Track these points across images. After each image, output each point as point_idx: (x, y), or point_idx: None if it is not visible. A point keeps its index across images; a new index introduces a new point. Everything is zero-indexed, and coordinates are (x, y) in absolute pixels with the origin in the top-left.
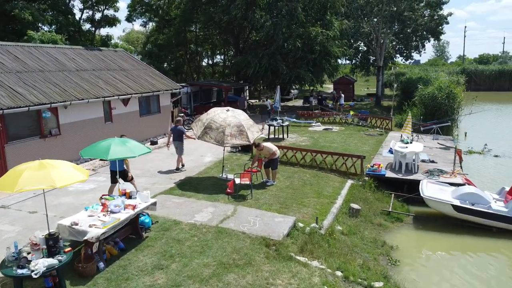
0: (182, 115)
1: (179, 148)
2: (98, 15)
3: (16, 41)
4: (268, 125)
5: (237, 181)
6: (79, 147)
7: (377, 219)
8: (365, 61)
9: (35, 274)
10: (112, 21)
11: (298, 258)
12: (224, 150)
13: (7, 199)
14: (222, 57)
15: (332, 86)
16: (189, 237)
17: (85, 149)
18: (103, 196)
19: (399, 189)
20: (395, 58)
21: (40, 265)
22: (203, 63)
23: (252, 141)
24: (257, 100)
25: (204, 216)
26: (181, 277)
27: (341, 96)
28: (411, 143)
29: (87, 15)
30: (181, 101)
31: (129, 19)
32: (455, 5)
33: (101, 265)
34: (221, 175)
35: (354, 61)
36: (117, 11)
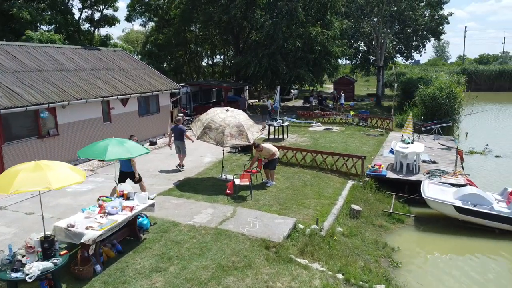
0: (181, 115)
1: (181, 147)
2: (97, 14)
3: (14, 40)
4: (268, 125)
5: (237, 182)
6: (77, 148)
7: (378, 220)
8: (365, 61)
9: (30, 278)
10: (111, 21)
11: (298, 260)
12: (223, 150)
13: (4, 200)
14: (222, 57)
15: (332, 86)
16: (187, 239)
17: (83, 149)
18: (101, 197)
19: (400, 190)
20: (395, 58)
21: (34, 268)
22: (203, 63)
23: (252, 142)
24: (257, 100)
25: (203, 217)
26: (179, 280)
27: (342, 96)
28: (412, 143)
29: (86, 14)
30: (180, 101)
31: (129, 19)
32: (455, 5)
33: (98, 267)
34: (220, 176)
35: (354, 61)
36: (116, 11)
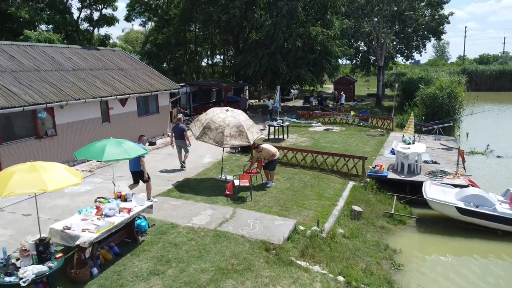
0: (181, 115)
1: (183, 146)
2: (96, 14)
3: (12, 40)
4: (268, 125)
5: (236, 182)
6: (75, 148)
7: (379, 221)
8: (366, 61)
9: (24, 282)
10: (110, 21)
11: (299, 262)
12: (223, 151)
13: (0, 201)
14: (221, 57)
15: (332, 86)
16: (186, 241)
17: (80, 150)
18: (98, 198)
19: (401, 191)
20: (395, 58)
21: (29, 272)
22: (203, 63)
23: (252, 142)
24: (257, 100)
25: (202, 219)
26: (177, 283)
27: (342, 96)
28: (413, 143)
29: (85, 14)
30: (180, 101)
31: (128, 18)
32: (455, 6)
33: (95, 270)
34: (220, 177)
35: (354, 61)
36: (116, 10)
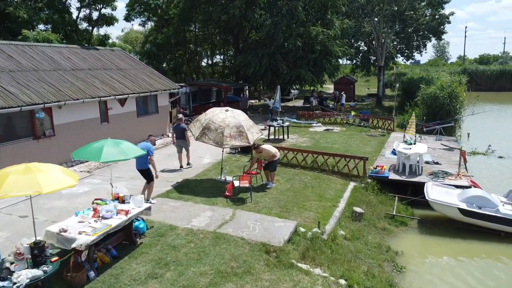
0: (181, 115)
1: (184, 145)
2: (95, 14)
3: (10, 40)
4: (268, 125)
5: (236, 183)
6: (74, 149)
7: (381, 223)
8: (366, 61)
9: (18, 286)
10: (109, 20)
11: (299, 265)
12: (223, 151)
13: None
14: (221, 57)
15: (332, 86)
16: (185, 243)
17: (77, 151)
18: (96, 200)
19: (403, 192)
20: (396, 58)
21: (23, 276)
22: (203, 63)
23: (252, 142)
24: (257, 100)
25: (201, 220)
26: (176, 287)
27: (343, 96)
28: (414, 144)
29: (84, 14)
30: (179, 101)
31: (128, 18)
32: (455, 6)
33: (92, 274)
34: (219, 177)
35: (354, 61)
36: (115, 10)
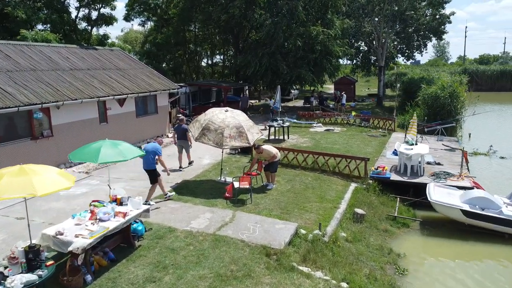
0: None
1: (185, 146)
2: (94, 13)
3: (8, 40)
4: (268, 126)
5: (236, 184)
6: (72, 149)
7: (382, 224)
8: (366, 61)
9: None
10: (108, 20)
11: (300, 268)
12: (222, 152)
13: None
14: (221, 57)
15: (332, 86)
16: (184, 246)
17: (74, 152)
18: (93, 202)
19: (404, 193)
20: (396, 58)
21: (17, 281)
22: (202, 63)
23: (252, 143)
24: (257, 100)
25: (201, 222)
26: None
27: (343, 96)
28: (416, 144)
29: (83, 13)
30: (179, 101)
31: (127, 18)
32: (455, 6)
33: (88, 278)
34: (219, 178)
35: (355, 61)
36: (114, 10)
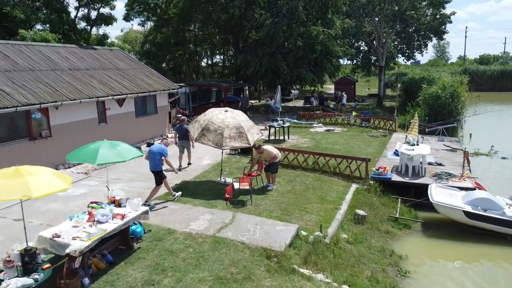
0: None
1: (187, 146)
2: (94, 13)
3: (7, 39)
4: (268, 126)
5: (236, 185)
6: (71, 150)
7: (384, 225)
8: (367, 61)
9: None
10: (108, 20)
11: (301, 270)
12: (222, 152)
13: None
14: (221, 57)
15: (333, 86)
16: (183, 248)
17: (72, 153)
18: (91, 203)
19: (406, 194)
20: (396, 58)
21: (12, 285)
22: (202, 63)
23: (252, 143)
24: (257, 100)
25: (200, 224)
26: None
27: (344, 96)
28: (417, 145)
29: (83, 13)
30: (179, 101)
31: (127, 18)
32: (455, 6)
33: (86, 281)
34: (219, 179)
35: (355, 61)
36: (113, 9)
